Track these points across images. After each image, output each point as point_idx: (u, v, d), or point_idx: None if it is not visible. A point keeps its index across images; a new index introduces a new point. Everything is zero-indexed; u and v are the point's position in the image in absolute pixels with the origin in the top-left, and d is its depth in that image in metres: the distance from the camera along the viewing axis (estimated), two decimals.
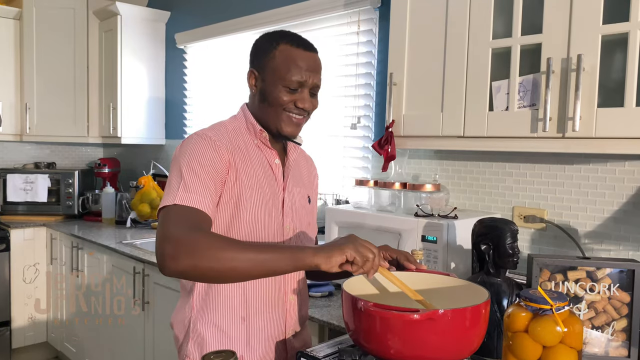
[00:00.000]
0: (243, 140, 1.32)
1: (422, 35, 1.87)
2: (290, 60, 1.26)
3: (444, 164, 2.22)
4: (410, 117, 1.91)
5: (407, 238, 1.82)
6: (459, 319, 1.05)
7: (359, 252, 1.08)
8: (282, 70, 1.25)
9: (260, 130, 1.33)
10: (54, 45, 3.74)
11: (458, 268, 1.78)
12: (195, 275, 1.08)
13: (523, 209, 1.98)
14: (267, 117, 1.31)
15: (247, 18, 3.07)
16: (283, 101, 1.27)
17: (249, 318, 1.30)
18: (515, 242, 1.45)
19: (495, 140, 1.69)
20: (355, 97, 2.54)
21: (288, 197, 1.36)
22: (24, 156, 4.13)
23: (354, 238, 1.11)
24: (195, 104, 3.63)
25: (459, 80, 1.76)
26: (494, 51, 1.69)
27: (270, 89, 1.27)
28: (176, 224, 1.09)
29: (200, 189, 1.16)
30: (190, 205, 1.13)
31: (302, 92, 1.28)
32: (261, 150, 1.34)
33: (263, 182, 1.31)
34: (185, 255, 1.04)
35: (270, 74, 1.27)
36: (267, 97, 1.28)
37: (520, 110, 1.63)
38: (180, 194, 1.14)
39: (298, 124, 1.31)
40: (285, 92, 1.26)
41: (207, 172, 1.19)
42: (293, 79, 1.25)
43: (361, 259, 1.08)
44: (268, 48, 1.28)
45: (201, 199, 1.15)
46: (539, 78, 1.58)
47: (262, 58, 1.29)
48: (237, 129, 1.34)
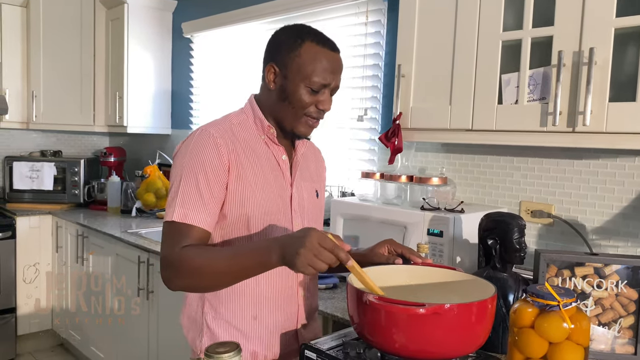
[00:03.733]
0: (249, 135, 1.30)
1: (431, 26, 1.84)
2: (316, 60, 1.22)
3: (451, 157, 2.20)
4: (417, 109, 1.89)
5: (413, 231, 1.81)
6: (465, 314, 1.04)
7: (310, 267, 1.04)
8: (307, 70, 1.21)
9: (268, 127, 1.30)
10: (61, 33, 3.73)
11: (464, 262, 1.77)
12: (192, 291, 1.29)
13: (530, 203, 1.96)
14: (284, 116, 1.28)
15: (254, 7, 3.05)
16: (305, 103, 1.24)
17: (262, 316, 1.29)
18: (522, 237, 1.44)
19: (503, 134, 1.67)
20: (362, 88, 2.52)
21: (296, 193, 1.35)
22: (30, 144, 4.13)
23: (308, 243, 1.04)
24: (202, 94, 3.62)
25: (468, 72, 1.73)
26: (504, 43, 1.67)
27: (292, 88, 1.23)
28: (168, 246, 1.18)
29: (198, 203, 1.19)
30: (187, 222, 1.18)
31: (324, 93, 1.25)
32: (268, 146, 1.32)
33: (270, 179, 1.29)
34: (176, 278, 1.17)
35: (294, 72, 1.22)
36: (288, 96, 1.24)
37: (530, 104, 1.61)
38: (178, 211, 1.18)
39: (313, 126, 1.30)
40: (307, 93, 1.23)
41: (208, 179, 1.20)
42: (318, 80, 1.22)
43: (315, 271, 1.05)
44: (292, 45, 1.23)
45: (198, 215, 1.19)
46: (549, 71, 1.56)
47: (286, 54, 1.23)
48: (244, 123, 1.31)
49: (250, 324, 1.29)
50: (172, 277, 1.17)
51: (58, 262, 3.61)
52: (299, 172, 1.37)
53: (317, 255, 1.04)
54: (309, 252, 1.04)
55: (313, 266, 1.04)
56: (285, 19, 2.84)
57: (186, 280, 1.16)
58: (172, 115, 3.87)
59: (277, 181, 1.31)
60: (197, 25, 3.51)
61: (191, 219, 1.18)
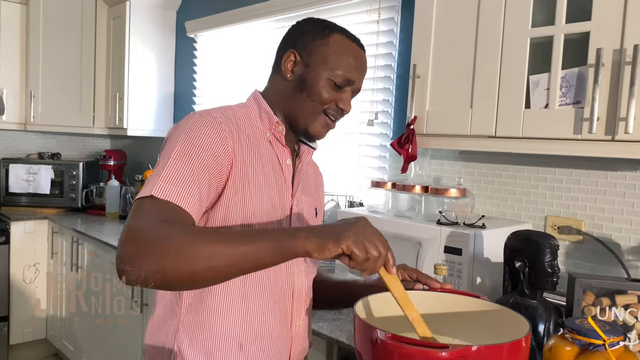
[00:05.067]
0: (252, 129, 1.10)
1: (450, 22, 1.68)
2: (344, 53, 1.08)
3: (469, 166, 2.02)
4: (434, 113, 1.72)
5: (428, 248, 1.64)
6: (494, 357, 0.87)
7: (361, 246, 0.85)
8: (333, 61, 1.07)
9: (277, 123, 1.12)
10: (61, 31, 3.60)
11: (484, 284, 1.59)
12: (159, 281, 0.84)
13: (557, 218, 1.78)
14: (299, 110, 1.11)
15: (261, 5, 2.90)
16: (325, 98, 1.08)
17: (248, 346, 1.07)
18: (555, 260, 1.27)
19: (531, 142, 1.49)
20: (373, 91, 2.36)
21: (296, 206, 1.16)
22: (30, 146, 4.00)
23: (362, 225, 0.88)
24: (206, 96, 3.47)
25: (491, 73, 1.56)
26: (532, 41, 1.50)
27: (313, 78, 1.08)
28: (144, 218, 0.86)
29: (189, 181, 0.93)
30: (171, 200, 0.90)
31: (346, 91, 1.11)
32: (272, 145, 1.13)
33: (272, 183, 1.10)
34: (149, 257, 0.82)
35: (318, 60, 1.08)
36: (307, 87, 1.09)
37: (562, 108, 1.44)
38: (161, 185, 0.91)
39: (330, 127, 1.14)
40: (329, 87, 1.08)
41: (203, 160, 0.96)
42: (343, 74, 1.08)
43: (362, 255, 0.86)
44: (320, 33, 1.10)
45: (186, 195, 0.92)
46: (585, 72, 1.39)
47: (311, 41, 1.09)
48: (247, 116, 1.12)
49: (235, 355, 1.06)
50: (140, 255, 0.82)
51: (53, 268, 3.46)
52: (302, 183, 1.19)
53: (372, 235, 0.87)
54: (366, 229, 0.87)
55: (366, 245, 0.85)
56: (293, 16, 2.69)
57: (164, 261, 0.82)
58: (174, 117, 3.73)
59: (279, 188, 1.11)
60: (202, 23, 3.36)
61: (175, 197, 0.90)
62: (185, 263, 0.82)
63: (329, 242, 0.85)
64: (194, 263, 0.83)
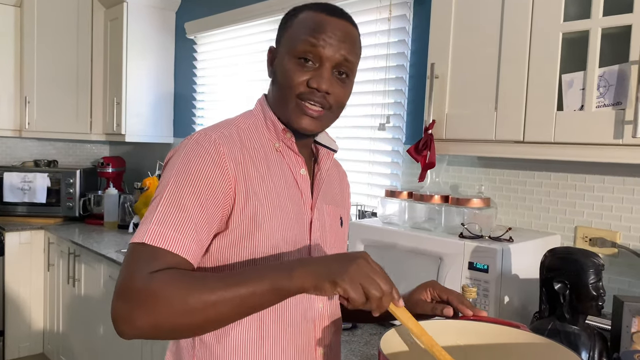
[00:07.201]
0: (260, 142, 0.99)
1: (471, 16, 1.54)
2: (307, 23, 0.96)
3: (489, 173, 1.88)
4: (454, 116, 1.58)
5: (450, 264, 1.50)
6: None
7: (358, 289, 0.76)
8: (294, 35, 0.96)
9: (284, 130, 1.00)
10: (57, 34, 3.48)
11: (512, 303, 1.45)
12: (156, 336, 0.79)
13: (589, 229, 1.64)
14: (279, 105, 0.99)
15: (263, 4, 2.76)
16: (293, 82, 0.94)
17: None
18: (600, 281, 1.12)
19: (565, 147, 1.35)
20: (384, 93, 2.22)
21: (317, 219, 1.03)
22: (25, 153, 3.88)
23: (361, 264, 0.78)
24: (207, 100, 3.34)
25: (519, 72, 1.43)
26: (565, 36, 1.36)
27: (279, 62, 0.98)
28: (135, 271, 0.79)
29: (184, 224, 0.85)
30: (164, 247, 0.82)
31: (320, 68, 0.94)
32: (283, 156, 1.01)
33: (285, 200, 0.98)
34: (140, 313, 0.77)
35: (283, 43, 0.99)
36: (277, 76, 0.99)
37: (599, 110, 1.30)
38: (154, 229, 0.83)
39: (313, 116, 0.96)
40: (293, 66, 0.94)
41: (199, 196, 0.87)
42: (306, 49, 0.93)
43: (359, 298, 0.76)
44: (291, 18, 1.00)
45: (181, 238, 0.84)
46: (627, 69, 1.25)
47: (282, 29, 1.01)
48: (253, 127, 1.01)
49: None
50: (133, 313, 0.77)
51: (50, 281, 3.33)
52: (322, 192, 1.06)
53: (372, 274, 0.77)
54: (364, 268, 0.77)
55: (365, 286, 0.76)
56: None
57: (157, 317, 0.77)
58: (174, 122, 3.59)
59: (294, 203, 1.00)
60: (202, 24, 3.23)
61: (170, 243, 0.83)
62: (179, 317, 0.77)
63: (325, 283, 0.78)
64: (189, 316, 0.77)
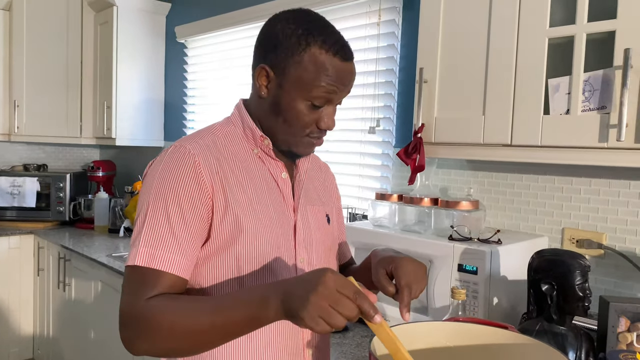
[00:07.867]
0: (238, 149, 1.02)
1: (459, 22, 1.56)
2: (322, 72, 0.94)
3: (478, 176, 1.90)
4: (443, 120, 1.60)
5: (440, 266, 1.51)
6: None
7: (318, 323, 0.76)
8: (309, 83, 0.94)
9: (262, 137, 1.03)
10: (46, 37, 3.46)
11: (501, 305, 1.47)
12: (159, 355, 0.91)
13: (575, 231, 1.67)
14: (278, 133, 1.01)
15: (255, 8, 2.77)
16: (305, 123, 0.98)
17: None
18: (586, 282, 1.14)
19: (551, 151, 1.38)
20: (374, 96, 2.24)
21: (301, 221, 1.06)
22: (14, 157, 3.85)
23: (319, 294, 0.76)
24: (197, 103, 3.34)
25: (506, 76, 1.45)
26: (551, 41, 1.38)
27: (289, 102, 0.97)
28: (129, 298, 0.91)
29: (169, 240, 0.92)
30: (154, 266, 0.91)
31: (327, 108, 0.99)
32: (263, 161, 1.04)
33: (267, 204, 1.01)
34: (139, 339, 0.89)
35: (292, 82, 0.95)
36: (283, 111, 0.98)
37: (585, 114, 1.32)
38: (143, 251, 0.91)
39: (317, 144, 1.04)
40: (307, 109, 0.97)
41: (182, 210, 0.93)
42: (322, 95, 0.96)
43: (322, 328, 0.76)
44: (294, 47, 0.95)
45: (168, 255, 0.91)
46: (611, 74, 1.27)
47: (284, 57, 0.95)
48: (231, 135, 1.04)
49: None
50: (134, 339, 0.89)
51: (40, 286, 3.31)
52: (304, 193, 1.09)
53: (333, 304, 0.75)
54: (323, 300, 0.75)
55: (326, 320, 0.75)
56: None
57: (153, 343, 0.88)
58: (165, 126, 3.59)
59: (277, 207, 1.02)
60: (192, 28, 3.23)
61: (159, 262, 0.91)
62: (171, 342, 0.87)
63: (291, 319, 0.80)
64: (178, 342, 0.87)
